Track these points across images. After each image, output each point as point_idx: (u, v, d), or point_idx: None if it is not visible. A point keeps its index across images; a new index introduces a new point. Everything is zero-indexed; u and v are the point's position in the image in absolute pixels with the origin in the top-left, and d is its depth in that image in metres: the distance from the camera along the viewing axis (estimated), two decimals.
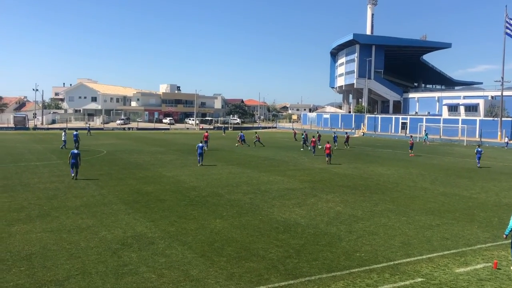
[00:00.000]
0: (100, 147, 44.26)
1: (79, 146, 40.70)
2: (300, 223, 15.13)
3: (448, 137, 67.67)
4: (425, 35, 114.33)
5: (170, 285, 9.59)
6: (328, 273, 10.51)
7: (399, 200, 19.57)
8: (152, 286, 9.55)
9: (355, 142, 60.67)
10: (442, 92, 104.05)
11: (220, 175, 26.21)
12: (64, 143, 41.49)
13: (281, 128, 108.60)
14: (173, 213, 16.31)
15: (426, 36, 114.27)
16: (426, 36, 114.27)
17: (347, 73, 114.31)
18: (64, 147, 41.07)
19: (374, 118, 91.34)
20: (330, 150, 33.19)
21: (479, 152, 33.51)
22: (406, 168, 31.58)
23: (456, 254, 12.14)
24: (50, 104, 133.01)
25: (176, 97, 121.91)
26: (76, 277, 9.94)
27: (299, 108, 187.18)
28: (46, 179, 23.65)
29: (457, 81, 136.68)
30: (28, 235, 13.08)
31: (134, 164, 30.70)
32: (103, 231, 13.70)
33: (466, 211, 17.65)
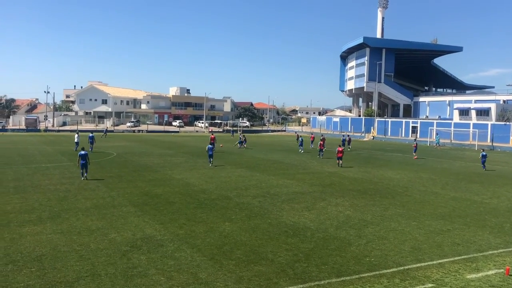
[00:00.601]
0: (110, 149, 44.52)
1: (93, 148, 41.70)
2: (310, 227, 15.08)
3: (459, 141, 67.03)
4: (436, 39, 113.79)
5: None
6: (338, 277, 10.45)
7: (409, 205, 19.42)
8: None
9: (364, 146, 60.43)
10: (453, 96, 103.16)
11: (229, 178, 26.21)
12: (77, 145, 41.64)
13: (290, 132, 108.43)
14: (182, 215, 16.34)
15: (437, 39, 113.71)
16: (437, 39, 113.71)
17: (357, 76, 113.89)
18: (76, 149, 41.32)
19: (384, 122, 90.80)
20: (342, 153, 33.65)
21: (484, 156, 33.99)
22: (416, 172, 31.35)
23: (467, 260, 12.00)
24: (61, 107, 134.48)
25: (186, 100, 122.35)
26: (85, 278, 9.99)
27: (308, 112, 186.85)
28: (57, 180, 23.84)
29: (469, 85, 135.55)
30: (39, 236, 13.18)
31: (143, 167, 30.84)
32: (113, 233, 13.76)
33: (478, 217, 17.46)
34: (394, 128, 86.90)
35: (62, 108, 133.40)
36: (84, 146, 29.74)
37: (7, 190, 20.70)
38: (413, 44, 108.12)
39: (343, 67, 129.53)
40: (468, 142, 65.31)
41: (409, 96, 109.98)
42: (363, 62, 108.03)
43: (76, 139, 42.13)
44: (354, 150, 51.40)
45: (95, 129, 75.13)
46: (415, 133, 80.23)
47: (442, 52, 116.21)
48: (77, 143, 41.58)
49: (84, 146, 31.44)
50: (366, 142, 72.33)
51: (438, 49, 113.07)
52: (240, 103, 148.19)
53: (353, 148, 52.76)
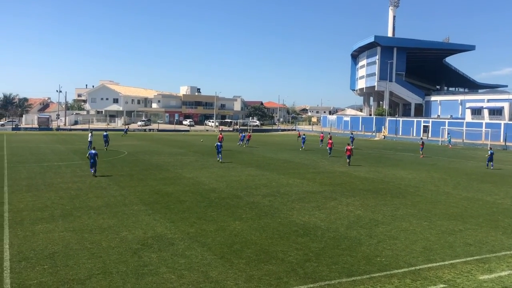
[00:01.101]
0: (121, 148, 44.82)
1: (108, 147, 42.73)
2: (320, 227, 15.04)
3: (471, 141, 66.35)
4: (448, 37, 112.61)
5: (190, 286, 9.63)
6: (348, 277, 10.41)
7: (420, 205, 19.28)
8: (172, 287, 9.61)
9: (375, 145, 60.13)
10: (465, 95, 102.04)
11: (239, 177, 26.24)
12: (90, 144, 41.90)
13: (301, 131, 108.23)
14: (192, 214, 16.40)
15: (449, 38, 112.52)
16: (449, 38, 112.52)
17: (368, 75, 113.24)
18: (90, 147, 41.50)
19: (395, 121, 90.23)
20: (350, 152, 33.95)
21: (492, 154, 34.93)
22: (428, 172, 31.10)
23: (480, 261, 11.88)
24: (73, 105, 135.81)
25: (196, 99, 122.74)
26: (97, 276, 10.07)
27: (318, 111, 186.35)
28: (69, 179, 24.06)
29: (481, 84, 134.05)
30: (51, 234, 13.32)
31: (154, 165, 30.99)
32: (124, 231, 13.85)
33: (490, 217, 17.28)
34: (405, 128, 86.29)
35: (74, 107, 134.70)
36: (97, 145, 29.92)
37: (20, 188, 20.94)
38: (424, 43, 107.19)
39: (354, 66, 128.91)
40: (480, 141, 64.63)
41: (421, 95, 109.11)
42: (374, 61, 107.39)
43: (90, 138, 42.42)
44: (359, 149, 51.13)
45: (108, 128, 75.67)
46: (426, 132, 79.63)
47: (454, 51, 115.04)
48: (91, 142, 41.81)
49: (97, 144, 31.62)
50: (377, 142, 71.95)
51: (450, 47, 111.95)
52: (250, 102, 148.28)
53: (357, 146, 52.42)
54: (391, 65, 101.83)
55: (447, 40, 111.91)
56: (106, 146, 42.94)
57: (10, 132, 77.64)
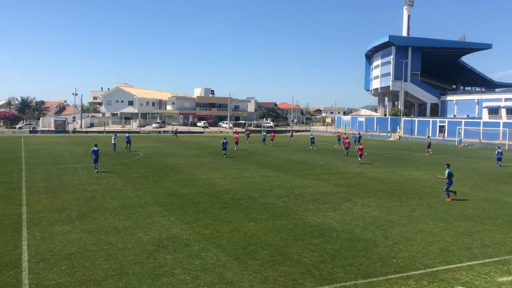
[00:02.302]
0: (136, 149, 45.16)
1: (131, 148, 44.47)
2: (335, 228, 14.96)
3: (489, 140, 65.35)
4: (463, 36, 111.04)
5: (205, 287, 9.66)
6: (364, 279, 10.33)
7: (437, 206, 19.05)
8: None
9: (391, 146, 59.61)
10: (482, 95, 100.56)
11: (254, 178, 26.25)
12: (114, 146, 42.67)
13: (315, 131, 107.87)
14: (207, 215, 16.44)
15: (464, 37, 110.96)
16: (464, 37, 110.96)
17: (383, 75, 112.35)
18: (114, 150, 42.37)
19: (410, 121, 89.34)
20: (361, 151, 35.76)
21: (500, 153, 36.57)
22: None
23: (498, 262, 11.69)
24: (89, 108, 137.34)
25: (210, 101, 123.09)
26: (113, 277, 10.16)
27: (333, 111, 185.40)
28: (85, 181, 24.33)
29: (498, 83, 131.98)
30: (68, 235, 13.47)
31: (169, 167, 31.17)
32: (140, 232, 13.95)
33: (508, 218, 16.99)
34: (421, 128, 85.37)
35: (90, 109, 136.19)
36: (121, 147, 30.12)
37: (37, 190, 21.25)
38: (440, 42, 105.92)
39: (368, 66, 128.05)
40: (498, 141, 63.58)
41: (436, 95, 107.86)
42: (389, 61, 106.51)
43: (113, 141, 43.09)
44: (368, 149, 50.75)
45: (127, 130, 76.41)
46: (442, 132, 78.71)
47: (470, 50, 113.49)
48: (115, 144, 42.65)
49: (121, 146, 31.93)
50: (392, 142, 71.33)
51: (466, 46, 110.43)
52: (264, 104, 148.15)
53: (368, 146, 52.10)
54: (406, 64, 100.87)
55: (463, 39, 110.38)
56: (128, 147, 44.52)
57: (28, 134, 78.90)
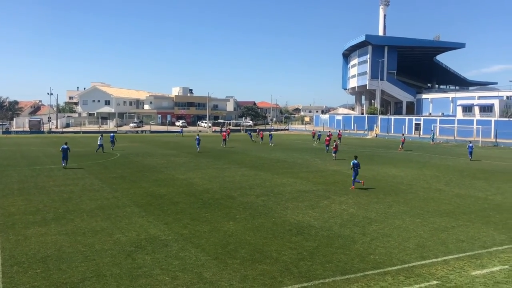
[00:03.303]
0: (114, 150, 44.56)
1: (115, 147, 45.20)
2: (314, 226, 15.07)
3: (463, 138, 66.83)
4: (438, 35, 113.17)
5: None
6: (342, 275, 10.44)
7: (413, 202, 19.38)
8: None
9: (368, 144, 60.37)
10: (456, 93, 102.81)
11: (233, 177, 26.23)
12: (99, 146, 42.08)
13: (294, 130, 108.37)
14: (186, 215, 16.36)
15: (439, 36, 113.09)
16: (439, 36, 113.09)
17: (360, 74, 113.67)
18: (102, 150, 41.83)
19: (387, 120, 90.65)
20: (337, 148, 38.44)
21: (470, 147, 38.77)
22: (420, 169, 31.28)
23: (472, 257, 11.97)
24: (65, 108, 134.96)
25: (189, 100, 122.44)
26: (91, 279, 10.02)
27: (311, 110, 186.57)
28: (61, 182, 23.91)
29: (471, 82, 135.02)
30: (44, 238, 13.22)
31: (147, 167, 30.89)
32: (117, 233, 13.79)
33: (482, 213, 17.41)
34: (397, 126, 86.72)
35: (66, 109, 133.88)
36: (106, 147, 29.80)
37: (11, 192, 20.77)
38: (415, 41, 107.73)
39: (346, 65, 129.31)
40: (471, 138, 65.06)
41: (412, 93, 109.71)
42: (366, 60, 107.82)
43: (100, 141, 42.50)
44: (346, 147, 51.34)
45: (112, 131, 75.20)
46: (418, 130, 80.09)
47: (445, 49, 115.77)
48: (101, 145, 42.16)
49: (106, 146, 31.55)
50: (369, 140, 72.24)
51: (440, 45, 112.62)
52: (243, 103, 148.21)
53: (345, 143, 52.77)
54: (382, 63, 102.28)
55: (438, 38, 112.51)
56: (113, 147, 45.40)
57: (1, 135, 77.05)
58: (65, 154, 30.04)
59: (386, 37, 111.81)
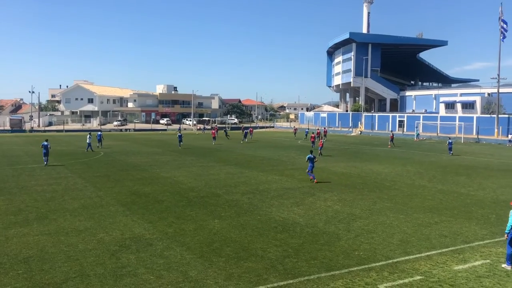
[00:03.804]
0: (97, 148, 44.10)
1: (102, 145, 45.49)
2: (299, 223, 15.12)
3: (446, 134, 67.75)
4: (421, 33, 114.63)
5: (169, 287, 9.55)
6: (327, 272, 10.50)
7: (397, 198, 19.57)
8: (150, 287, 9.51)
9: (352, 141, 60.79)
10: (439, 90, 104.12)
11: (218, 175, 26.17)
12: (89, 145, 41.62)
13: (279, 128, 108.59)
14: (171, 214, 16.27)
15: (422, 34, 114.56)
16: (422, 34, 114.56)
17: (344, 71, 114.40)
18: (91, 149, 41.38)
19: (371, 117, 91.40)
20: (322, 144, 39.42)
21: (450, 143, 41.03)
22: (404, 166, 31.61)
23: (455, 252, 12.14)
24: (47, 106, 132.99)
25: (173, 98, 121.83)
26: (74, 279, 9.89)
27: (296, 108, 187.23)
28: (44, 181, 23.57)
29: (454, 79, 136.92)
30: (26, 238, 13.02)
31: (131, 166, 30.64)
32: (101, 233, 13.65)
33: (464, 209, 17.67)
34: (381, 123, 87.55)
35: (48, 108, 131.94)
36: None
37: None
38: (398, 38, 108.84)
39: (330, 63, 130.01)
40: (454, 135, 66.03)
41: (396, 90, 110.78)
42: (350, 58, 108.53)
43: (88, 140, 42.00)
44: (330, 144, 51.65)
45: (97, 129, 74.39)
46: (402, 127, 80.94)
47: (428, 46, 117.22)
48: (89, 144, 41.69)
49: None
50: (353, 137, 72.75)
51: (423, 43, 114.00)
52: (228, 100, 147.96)
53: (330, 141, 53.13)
54: (366, 61, 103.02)
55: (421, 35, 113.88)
56: (100, 145, 45.52)
57: None
58: (46, 151, 30.07)
59: (370, 34, 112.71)
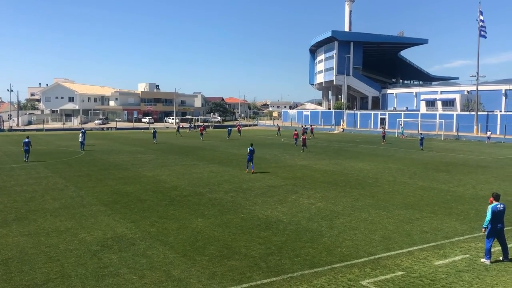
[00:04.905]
0: (78, 147, 43.52)
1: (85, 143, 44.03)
2: (282, 220, 15.16)
3: (426, 131, 68.64)
4: (402, 31, 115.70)
5: (152, 286, 9.49)
6: (310, 269, 10.56)
7: (379, 195, 19.78)
8: (133, 287, 9.44)
9: (335, 138, 61.21)
10: (420, 88, 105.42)
11: (201, 174, 26.07)
12: (82, 145, 41.29)
13: (262, 126, 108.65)
14: (153, 213, 16.16)
15: (403, 32, 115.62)
16: (403, 32, 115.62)
17: (326, 70, 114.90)
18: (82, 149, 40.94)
19: (353, 114, 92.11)
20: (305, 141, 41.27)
21: (422, 138, 44.03)
22: (386, 163, 31.95)
23: (435, 247, 12.33)
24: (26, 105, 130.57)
25: (155, 96, 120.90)
26: (55, 280, 9.75)
27: (279, 106, 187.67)
28: (23, 181, 23.17)
29: (434, 77, 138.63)
30: (4, 239, 12.78)
31: (113, 165, 30.32)
32: (83, 233, 13.48)
33: (445, 205, 17.95)
34: (363, 120, 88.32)
35: (27, 106, 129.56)
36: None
37: None
38: (380, 37, 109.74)
39: (313, 61, 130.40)
40: (434, 132, 67.02)
41: (377, 88, 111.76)
42: (332, 56, 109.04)
43: (81, 139, 41.50)
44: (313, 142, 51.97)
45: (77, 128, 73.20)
46: (383, 124, 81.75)
47: (408, 45, 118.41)
48: (82, 143, 41.27)
49: None
50: (336, 135, 73.24)
51: (404, 41, 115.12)
52: (211, 99, 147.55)
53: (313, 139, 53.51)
54: (348, 59, 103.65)
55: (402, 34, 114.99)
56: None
57: None
58: (27, 148, 31.40)
59: (352, 33, 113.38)
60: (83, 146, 41.43)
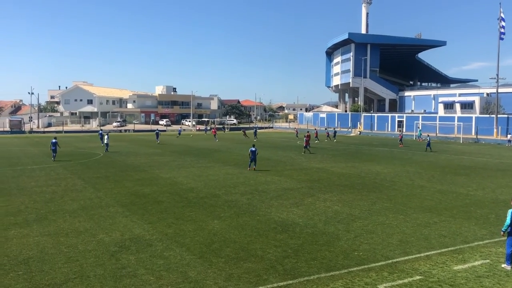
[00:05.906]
0: (96, 149, 44.12)
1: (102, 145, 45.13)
2: (298, 223, 15.12)
3: (444, 134, 67.80)
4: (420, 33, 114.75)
5: (169, 287, 9.56)
6: (327, 272, 10.51)
7: (396, 198, 19.59)
8: None
9: (351, 141, 60.81)
10: (438, 90, 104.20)
11: (217, 176, 26.17)
12: (107, 146, 42.28)
13: (278, 128, 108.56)
14: (170, 214, 16.28)
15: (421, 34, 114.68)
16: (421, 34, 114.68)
17: (343, 72, 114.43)
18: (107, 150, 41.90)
19: (370, 117, 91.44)
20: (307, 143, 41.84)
21: (429, 141, 45.14)
22: (403, 166, 31.63)
23: (454, 252, 12.15)
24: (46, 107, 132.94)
25: (172, 99, 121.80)
26: (74, 280, 9.90)
27: (295, 108, 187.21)
28: (43, 182, 23.56)
29: (452, 79, 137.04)
30: (26, 239, 13.02)
31: (130, 166, 30.63)
32: (101, 234, 13.65)
33: (463, 208, 17.69)
34: (380, 123, 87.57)
35: (47, 109, 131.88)
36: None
37: None
38: (397, 39, 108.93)
39: (329, 63, 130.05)
40: (453, 135, 66.11)
41: (395, 90, 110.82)
42: (349, 58, 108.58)
43: (106, 140, 42.47)
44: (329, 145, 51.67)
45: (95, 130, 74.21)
46: (401, 127, 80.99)
47: (426, 47, 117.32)
48: (107, 144, 42.29)
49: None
50: (353, 137, 72.75)
51: (422, 43, 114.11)
52: (227, 101, 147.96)
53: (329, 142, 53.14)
54: (365, 61, 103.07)
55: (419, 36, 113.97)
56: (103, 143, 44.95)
57: None
58: (54, 148, 33.59)
59: (369, 35, 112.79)
60: (108, 147, 42.27)
